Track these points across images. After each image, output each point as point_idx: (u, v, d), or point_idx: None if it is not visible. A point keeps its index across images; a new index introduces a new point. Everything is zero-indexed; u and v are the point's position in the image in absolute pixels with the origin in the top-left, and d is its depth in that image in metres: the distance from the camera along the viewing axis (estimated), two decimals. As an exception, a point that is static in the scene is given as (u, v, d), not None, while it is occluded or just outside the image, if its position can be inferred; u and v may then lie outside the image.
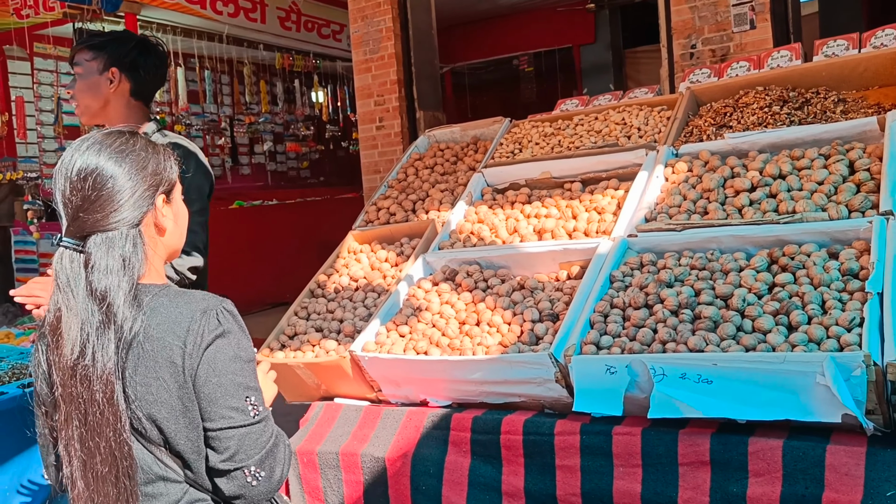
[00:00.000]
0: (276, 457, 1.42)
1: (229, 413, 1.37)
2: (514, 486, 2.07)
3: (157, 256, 1.48)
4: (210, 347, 1.36)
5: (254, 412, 1.39)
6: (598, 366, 1.95)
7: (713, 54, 4.79)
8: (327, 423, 2.43)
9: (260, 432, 1.39)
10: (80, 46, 2.51)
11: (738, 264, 2.12)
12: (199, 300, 1.40)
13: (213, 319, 1.37)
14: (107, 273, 1.36)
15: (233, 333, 1.39)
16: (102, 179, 1.39)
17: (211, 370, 1.36)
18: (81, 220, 1.38)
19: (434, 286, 2.60)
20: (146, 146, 1.47)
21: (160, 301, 1.39)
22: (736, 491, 1.77)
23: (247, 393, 1.39)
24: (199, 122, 9.12)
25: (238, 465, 1.37)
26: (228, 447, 1.37)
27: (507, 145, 3.21)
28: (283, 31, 9.13)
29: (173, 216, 1.51)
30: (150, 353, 1.36)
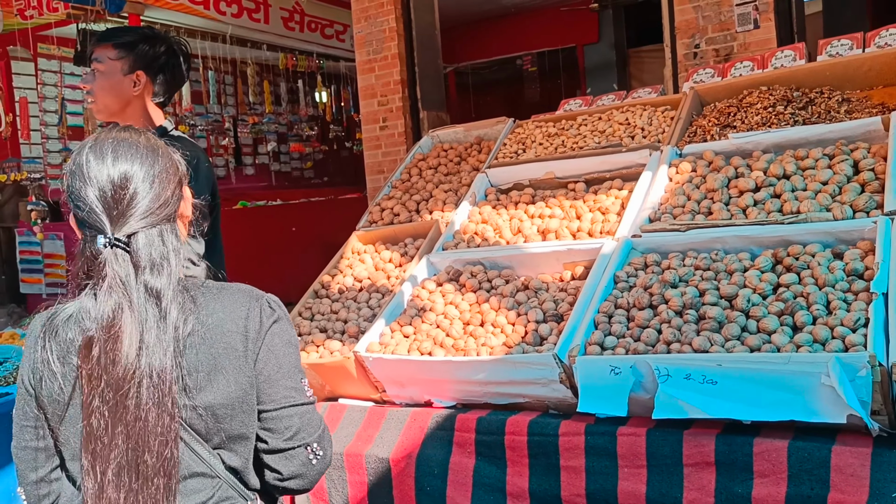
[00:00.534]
0: (327, 437, 1.49)
1: (290, 392, 1.44)
2: (519, 486, 2.07)
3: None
4: (269, 332, 1.43)
5: (309, 392, 1.47)
6: (602, 366, 1.95)
7: (717, 54, 4.78)
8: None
9: (315, 412, 1.48)
10: (105, 43, 2.44)
11: (742, 265, 2.11)
12: (246, 290, 1.47)
13: (268, 307, 1.45)
14: (159, 270, 1.35)
15: (284, 320, 1.48)
16: (141, 179, 1.37)
17: (271, 353, 1.43)
18: (125, 220, 1.35)
19: (438, 287, 2.60)
20: (158, 140, 1.48)
21: (207, 294, 1.43)
22: (741, 492, 1.77)
23: (301, 375, 1.47)
24: (203, 122, 9.13)
25: (300, 442, 1.43)
26: (291, 426, 1.43)
27: (511, 145, 3.21)
28: (287, 32, 9.15)
29: (189, 205, 1.52)
30: (208, 343, 1.37)
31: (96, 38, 2.51)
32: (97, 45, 2.46)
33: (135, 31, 2.57)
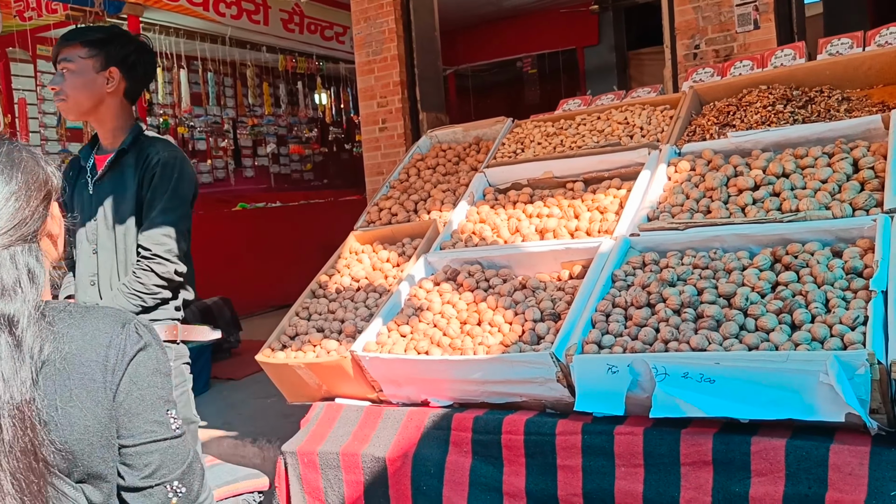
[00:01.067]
0: (195, 472, 1.36)
1: (152, 427, 1.31)
2: (516, 486, 2.06)
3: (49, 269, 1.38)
4: (133, 361, 1.31)
5: (175, 425, 1.34)
6: (599, 365, 1.94)
7: (717, 54, 4.77)
8: (328, 424, 2.41)
9: (181, 446, 1.35)
10: (73, 42, 2.41)
11: (741, 263, 2.10)
12: (113, 314, 1.34)
13: (134, 333, 1.32)
14: (12, 295, 1.26)
15: (153, 346, 1.34)
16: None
17: (133, 384, 1.31)
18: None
19: (435, 286, 2.58)
20: (29, 152, 1.37)
21: (68, 319, 1.31)
22: (738, 491, 1.76)
23: (167, 406, 1.34)
24: (202, 124, 9.12)
25: (159, 480, 1.31)
26: (150, 462, 1.31)
27: (510, 145, 3.20)
28: (286, 33, 9.14)
29: (59, 224, 1.41)
30: (65, 374, 1.27)
31: (61, 38, 2.46)
32: (64, 46, 2.41)
33: (104, 30, 2.53)
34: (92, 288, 2.42)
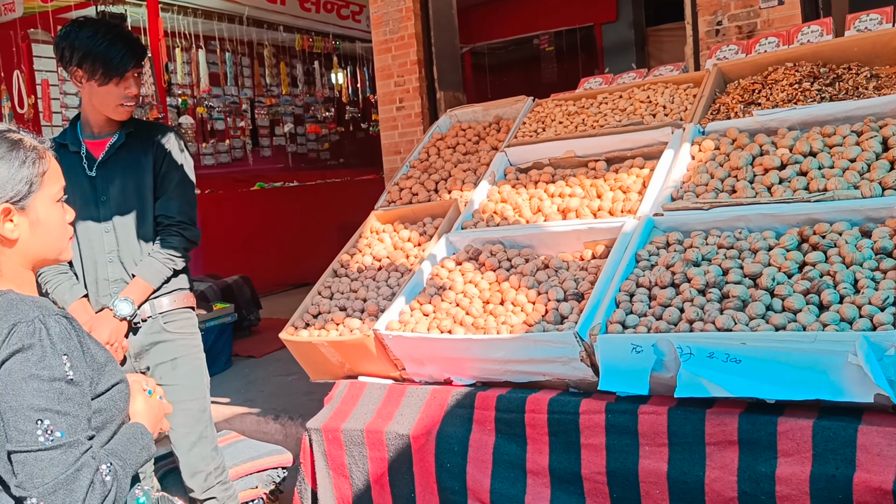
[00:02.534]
0: (74, 491, 1.25)
1: (18, 435, 1.26)
2: (539, 464, 2.07)
3: (10, 264, 1.41)
4: (6, 364, 1.27)
5: (45, 437, 1.25)
6: (623, 345, 1.94)
7: (739, 31, 4.70)
8: (352, 401, 2.44)
9: (52, 461, 1.25)
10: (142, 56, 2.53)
11: (767, 243, 2.09)
12: (20, 312, 1.32)
13: (18, 334, 1.28)
14: None
15: (34, 349, 1.28)
16: None
17: (5, 388, 1.27)
18: None
19: (457, 265, 2.59)
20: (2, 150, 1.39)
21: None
22: (764, 471, 1.76)
23: (38, 415, 1.25)
24: (220, 104, 9.13)
25: (24, 493, 1.25)
26: (18, 472, 1.26)
27: (530, 124, 3.18)
28: (303, 13, 9.11)
29: (29, 225, 1.41)
30: None
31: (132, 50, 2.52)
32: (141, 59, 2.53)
33: (55, 40, 2.57)
34: (112, 264, 2.49)
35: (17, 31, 7.28)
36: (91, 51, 2.44)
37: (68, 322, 1.35)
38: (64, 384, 1.29)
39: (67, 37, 2.48)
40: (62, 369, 1.29)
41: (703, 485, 1.83)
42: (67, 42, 2.46)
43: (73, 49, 2.45)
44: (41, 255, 1.46)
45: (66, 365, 1.30)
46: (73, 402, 1.30)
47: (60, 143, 2.58)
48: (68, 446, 1.27)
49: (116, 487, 1.32)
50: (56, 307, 1.37)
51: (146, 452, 1.46)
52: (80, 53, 2.44)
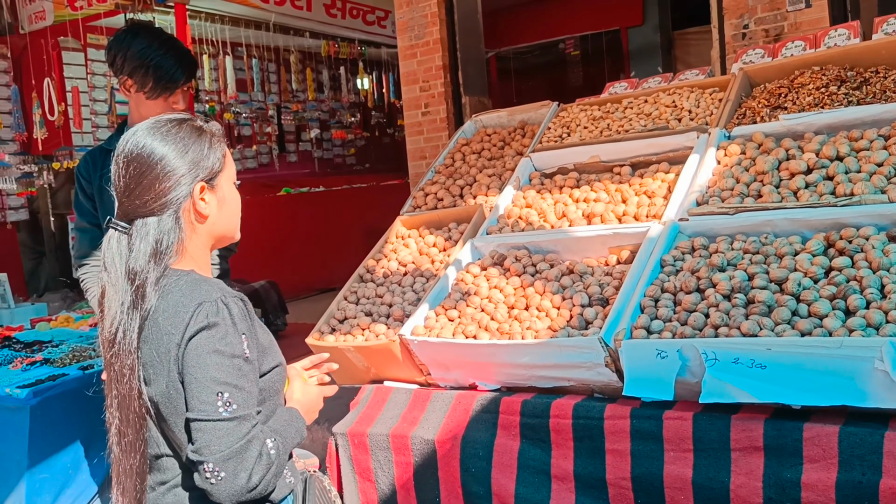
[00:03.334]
0: (245, 460, 1.36)
1: (200, 405, 1.37)
2: (564, 469, 2.08)
3: (196, 243, 1.54)
4: (194, 339, 1.38)
5: (224, 409, 1.36)
6: (648, 350, 1.94)
7: (766, 34, 4.67)
8: (377, 406, 2.46)
9: (228, 431, 1.36)
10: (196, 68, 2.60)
11: (793, 248, 2.08)
12: (204, 292, 1.43)
13: (204, 312, 1.40)
14: (143, 255, 1.44)
15: (219, 327, 1.39)
16: (144, 167, 1.48)
17: (191, 361, 1.38)
18: (127, 205, 1.49)
19: (483, 271, 2.60)
20: (191, 131, 1.52)
21: (175, 288, 1.45)
22: (790, 477, 1.75)
23: (220, 388, 1.37)
24: (247, 110, 9.26)
25: (198, 458, 1.36)
26: (197, 439, 1.37)
27: (555, 129, 3.19)
28: (329, 19, 9.20)
29: (217, 202, 1.55)
30: (155, 338, 1.42)
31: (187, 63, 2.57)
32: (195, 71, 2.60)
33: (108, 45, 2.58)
34: None
35: (48, 40, 7.43)
36: (143, 63, 2.44)
37: (244, 304, 1.47)
38: (242, 361, 1.42)
39: (121, 44, 2.48)
40: (241, 347, 1.42)
41: (728, 491, 1.83)
42: (120, 50, 2.47)
43: (125, 58, 2.45)
44: (223, 232, 1.60)
45: (245, 344, 1.43)
46: (248, 379, 1.43)
47: (108, 149, 2.62)
48: (242, 419, 1.38)
49: (278, 461, 1.43)
50: (233, 290, 1.50)
51: (299, 435, 1.57)
52: (132, 64, 2.45)
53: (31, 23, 7.64)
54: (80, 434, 3.52)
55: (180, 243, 1.49)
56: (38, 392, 3.34)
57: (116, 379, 1.44)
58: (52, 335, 4.59)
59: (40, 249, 8.46)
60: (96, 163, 2.62)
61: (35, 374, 3.59)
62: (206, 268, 1.56)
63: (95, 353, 3.83)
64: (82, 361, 3.73)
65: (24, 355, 3.99)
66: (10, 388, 3.37)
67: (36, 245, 8.47)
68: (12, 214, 8.09)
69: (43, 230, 8.41)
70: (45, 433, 3.40)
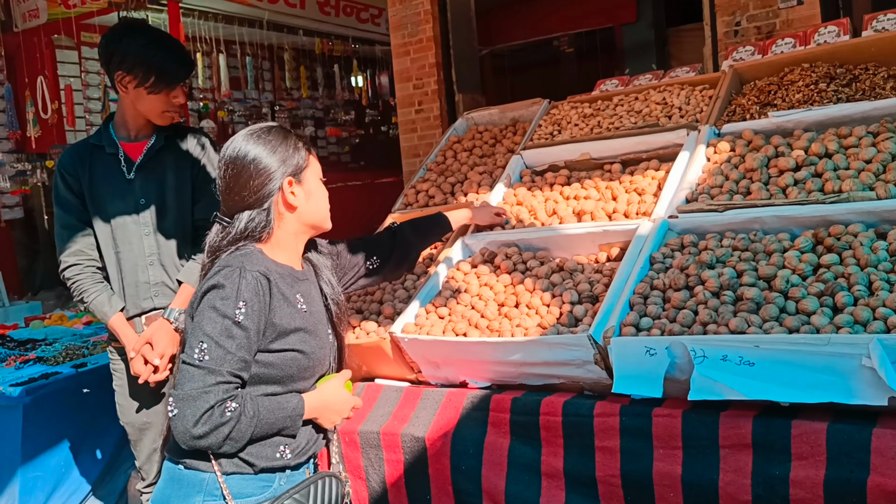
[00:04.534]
0: (196, 408, 1.52)
1: (187, 349, 1.58)
2: (554, 466, 2.08)
3: (286, 230, 1.76)
4: (204, 295, 1.62)
5: (199, 356, 1.55)
6: (637, 347, 1.94)
7: (758, 31, 4.68)
8: (368, 404, 2.46)
9: (193, 376, 1.54)
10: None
11: (781, 245, 2.08)
12: (237, 261, 1.64)
13: (221, 274, 1.61)
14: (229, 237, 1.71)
15: (224, 289, 1.59)
16: (240, 167, 1.70)
17: (196, 312, 1.61)
18: (229, 201, 1.72)
19: (473, 268, 2.60)
20: (278, 135, 1.75)
21: (228, 257, 1.68)
22: (778, 474, 1.75)
23: (203, 339, 1.56)
24: (241, 108, 9.23)
25: (170, 393, 1.57)
26: (177, 376, 1.59)
27: (546, 127, 3.19)
28: (323, 17, 9.17)
29: (304, 194, 1.77)
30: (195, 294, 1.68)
31: (185, 60, 2.59)
32: (192, 68, 2.62)
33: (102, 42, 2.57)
34: (153, 267, 2.52)
35: (42, 38, 7.41)
36: (145, 59, 2.45)
37: (267, 282, 1.64)
38: (231, 323, 1.58)
39: (119, 41, 2.47)
40: (234, 311, 1.58)
41: (717, 488, 1.83)
42: (119, 47, 2.46)
43: (124, 54, 2.45)
44: (313, 220, 1.82)
45: (242, 310, 1.59)
46: (234, 342, 1.58)
47: (96, 144, 2.59)
48: (210, 371, 1.55)
49: (234, 426, 1.56)
50: (261, 267, 1.66)
51: (286, 423, 1.67)
52: (131, 60, 2.45)
53: (24, 21, 7.61)
54: (73, 432, 3.53)
55: (268, 230, 1.71)
56: (31, 390, 3.34)
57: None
58: (45, 333, 4.59)
59: (35, 247, 8.44)
60: (83, 159, 2.57)
61: (28, 372, 3.59)
62: (289, 254, 1.78)
63: (89, 352, 3.83)
64: (75, 360, 3.73)
65: (18, 353, 3.99)
66: (4, 387, 3.37)
67: (30, 243, 8.45)
68: (7, 213, 8.07)
69: (37, 228, 8.39)
70: (38, 431, 3.41)
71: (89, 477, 3.61)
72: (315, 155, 1.85)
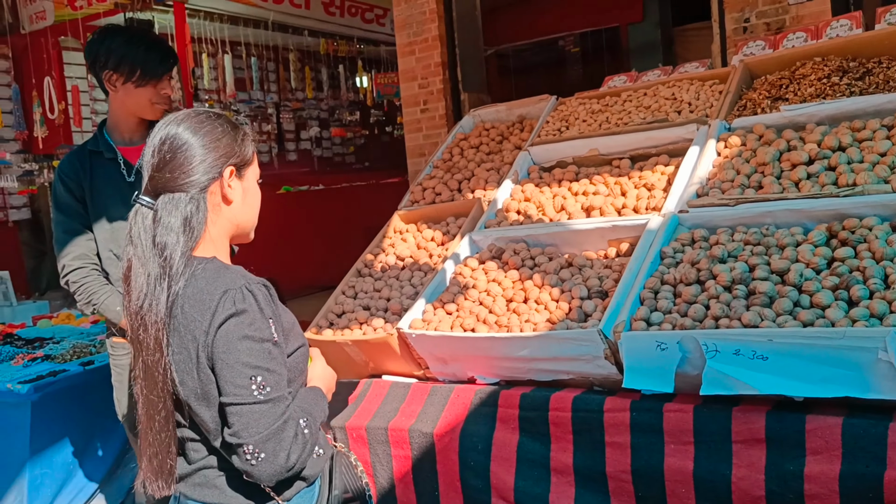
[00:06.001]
0: (283, 440, 1.41)
1: (235, 390, 1.41)
2: (563, 462, 2.06)
3: (219, 227, 1.57)
4: (223, 326, 1.41)
5: (259, 392, 1.40)
6: (648, 342, 1.92)
7: (768, 28, 4.65)
8: (376, 400, 2.44)
9: (264, 413, 1.40)
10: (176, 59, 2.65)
11: (794, 239, 2.05)
12: (229, 280, 1.46)
13: (231, 299, 1.42)
14: (169, 229, 1.47)
15: (247, 314, 1.43)
16: (177, 144, 1.51)
17: (222, 348, 1.41)
18: (155, 180, 1.51)
19: (481, 264, 2.58)
20: (226, 123, 1.58)
21: (200, 275, 1.47)
22: (793, 469, 1.73)
23: (252, 372, 1.41)
24: (247, 108, 9.24)
25: (237, 441, 1.40)
26: (233, 423, 1.41)
27: (554, 123, 3.17)
28: (327, 17, 9.18)
29: (242, 191, 1.59)
30: (181, 325, 1.44)
31: (167, 55, 2.63)
32: (175, 62, 2.64)
33: (87, 47, 2.66)
34: None
35: (48, 39, 7.42)
36: (128, 55, 2.51)
37: (267, 290, 1.50)
38: (271, 345, 1.45)
39: (102, 42, 2.54)
40: (269, 331, 1.45)
41: (729, 483, 1.80)
42: (103, 47, 2.53)
43: (109, 53, 2.51)
44: (243, 223, 1.63)
45: (272, 328, 1.46)
46: (278, 361, 1.46)
47: (93, 150, 2.62)
48: (276, 400, 1.43)
49: (312, 440, 1.49)
50: (255, 276, 1.51)
51: (324, 413, 1.61)
52: (117, 57, 2.51)
53: (31, 23, 7.63)
54: (80, 430, 3.52)
55: (205, 224, 1.53)
56: (39, 388, 3.34)
57: (144, 350, 1.47)
58: (53, 332, 4.59)
59: (41, 248, 8.44)
60: (84, 165, 2.61)
61: (36, 370, 3.59)
62: (226, 255, 1.59)
63: (96, 350, 3.82)
64: (83, 357, 3.72)
65: (26, 351, 3.99)
66: (12, 384, 3.37)
67: (37, 243, 8.45)
68: (14, 213, 8.08)
69: (44, 229, 8.39)
70: (46, 428, 3.41)
71: (97, 474, 3.60)
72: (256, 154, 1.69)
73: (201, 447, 1.53)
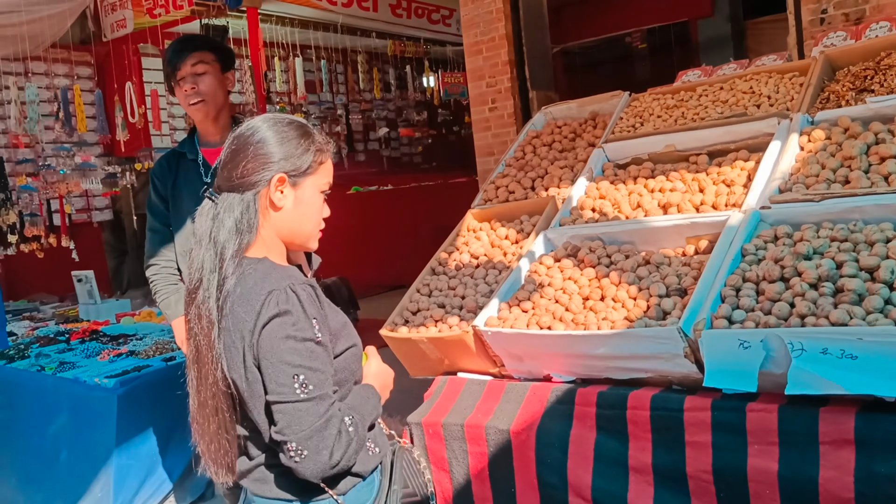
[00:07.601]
0: (325, 438, 1.43)
1: (278, 388, 1.43)
2: (642, 461, 2.05)
3: (270, 231, 1.58)
4: (267, 326, 1.44)
5: (301, 390, 1.42)
6: (730, 340, 1.89)
7: (846, 19, 4.49)
8: (451, 397, 2.47)
9: (307, 411, 1.42)
10: (203, 48, 2.67)
11: (884, 235, 1.99)
12: (274, 281, 1.48)
13: (275, 300, 1.45)
14: (223, 227, 1.52)
15: (290, 314, 1.44)
16: (238, 146, 1.56)
17: (266, 347, 1.44)
18: (220, 178, 1.58)
19: (556, 262, 2.58)
20: (296, 130, 1.59)
21: (249, 276, 1.50)
22: (883, 472, 1.68)
23: (295, 371, 1.43)
24: (317, 110, 9.41)
25: (282, 439, 1.43)
26: (278, 420, 1.44)
27: (628, 119, 3.14)
28: (395, 19, 9.28)
29: (294, 200, 1.58)
30: (231, 323, 1.48)
31: (186, 44, 2.68)
32: (194, 50, 2.65)
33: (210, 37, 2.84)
34: None
35: (129, 46, 7.75)
36: (166, 62, 2.67)
37: (313, 290, 1.51)
38: (314, 344, 1.47)
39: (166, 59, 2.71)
40: (312, 331, 1.47)
41: (816, 485, 1.76)
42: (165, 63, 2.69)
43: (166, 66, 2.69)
44: (294, 232, 1.62)
45: (316, 328, 1.48)
46: (322, 360, 1.48)
47: (179, 152, 2.76)
48: (319, 399, 1.44)
49: (357, 437, 1.50)
50: (302, 276, 1.55)
51: (376, 411, 1.63)
52: (166, 67, 2.68)
53: (112, 31, 7.97)
54: (163, 423, 3.66)
55: (256, 228, 1.55)
56: (125, 382, 3.49)
57: (197, 343, 1.52)
58: (136, 329, 4.79)
59: (122, 248, 8.80)
60: (171, 166, 2.75)
61: (121, 365, 3.75)
62: (280, 256, 1.61)
63: (177, 346, 3.97)
64: (165, 353, 3.87)
65: (111, 347, 4.17)
66: (99, 378, 3.53)
67: (119, 243, 8.82)
68: (97, 214, 8.44)
69: (125, 229, 8.75)
70: (131, 422, 3.55)
71: (178, 466, 3.74)
72: (328, 166, 1.66)
73: (258, 444, 1.56)
